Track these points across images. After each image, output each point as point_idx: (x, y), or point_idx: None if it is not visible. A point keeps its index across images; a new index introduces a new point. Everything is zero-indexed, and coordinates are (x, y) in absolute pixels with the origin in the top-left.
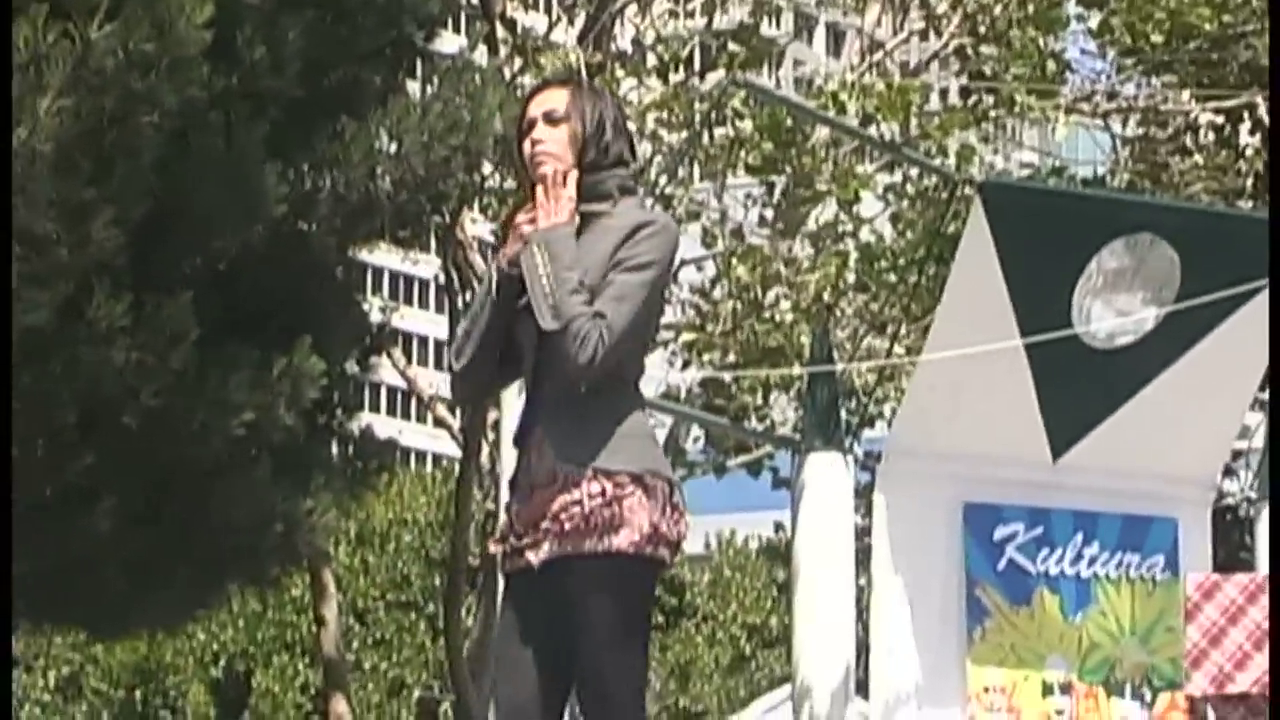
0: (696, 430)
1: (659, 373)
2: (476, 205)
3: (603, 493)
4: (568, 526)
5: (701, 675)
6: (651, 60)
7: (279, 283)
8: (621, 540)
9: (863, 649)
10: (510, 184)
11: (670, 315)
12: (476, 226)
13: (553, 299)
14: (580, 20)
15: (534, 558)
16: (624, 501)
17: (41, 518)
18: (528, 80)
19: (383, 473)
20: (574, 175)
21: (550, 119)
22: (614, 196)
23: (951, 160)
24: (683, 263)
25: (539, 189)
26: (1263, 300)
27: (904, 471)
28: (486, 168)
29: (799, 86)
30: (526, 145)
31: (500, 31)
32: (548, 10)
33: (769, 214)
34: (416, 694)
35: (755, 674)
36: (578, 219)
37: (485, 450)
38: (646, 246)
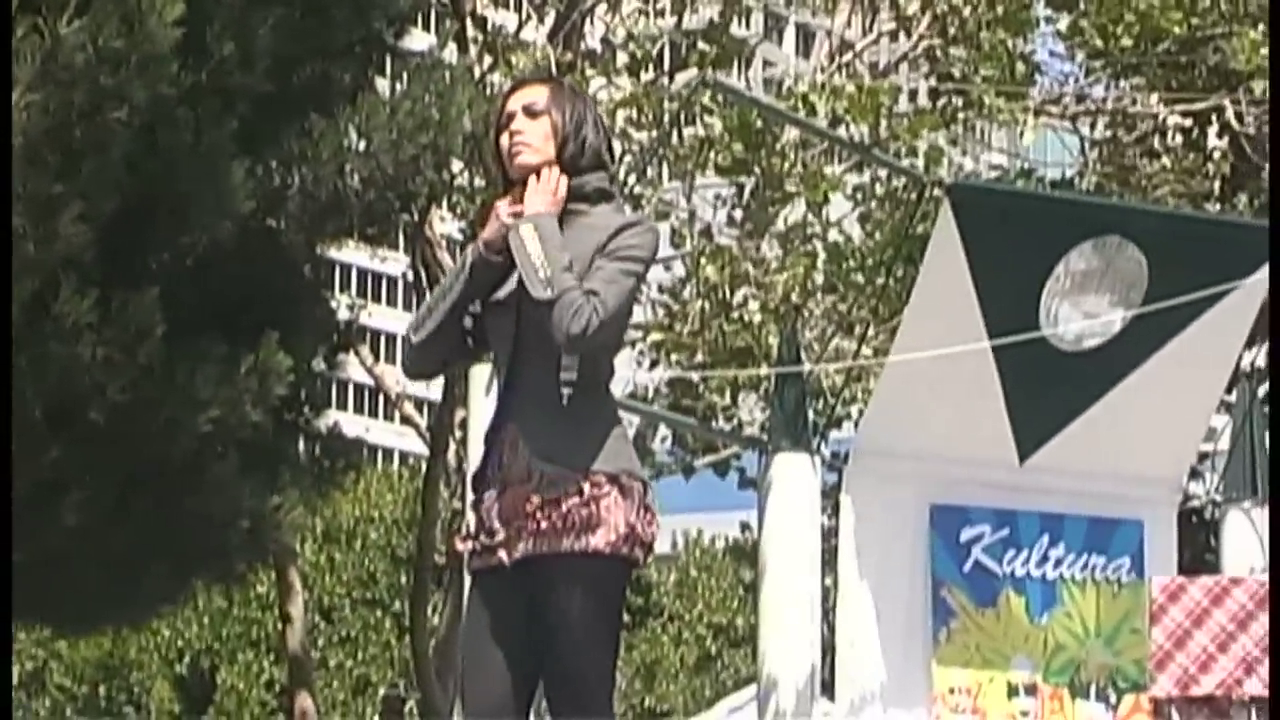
0: (664, 430)
1: (627, 372)
2: (445, 203)
3: (580, 492)
4: (544, 525)
5: (667, 675)
6: (622, 59)
7: (247, 279)
8: (598, 540)
9: (828, 649)
10: (480, 182)
11: (639, 315)
12: (445, 224)
13: (545, 272)
14: (550, 19)
15: (506, 555)
16: (601, 502)
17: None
18: (498, 79)
19: (350, 471)
20: (562, 177)
21: (530, 112)
22: (591, 198)
23: (920, 162)
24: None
25: (531, 178)
26: (1229, 304)
27: (871, 472)
28: (456, 166)
29: (769, 87)
30: (504, 138)
31: (470, 30)
32: (518, 8)
33: (738, 214)
34: (382, 692)
35: (721, 674)
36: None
37: (452, 448)
38: (635, 241)
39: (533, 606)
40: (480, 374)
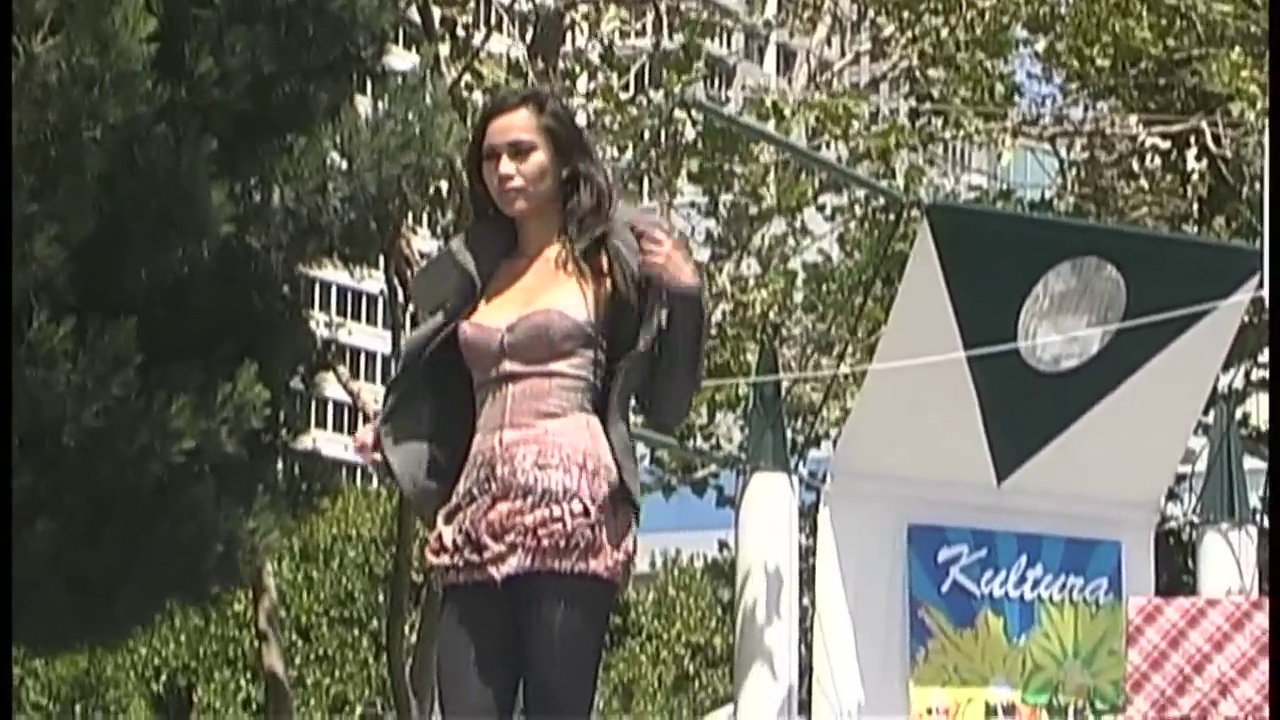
0: (642, 448)
1: None
2: (426, 222)
3: (585, 513)
4: (545, 543)
5: (645, 694)
6: (600, 79)
7: (226, 300)
8: (598, 564)
9: (806, 669)
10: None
11: None
12: (423, 242)
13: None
14: (529, 34)
15: (497, 571)
16: (605, 525)
17: None
18: (478, 97)
19: (327, 495)
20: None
21: (517, 150)
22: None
23: (900, 182)
24: None
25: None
26: (1206, 326)
27: (849, 492)
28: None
29: (749, 106)
30: (493, 179)
31: (444, 44)
32: (488, 21)
33: (714, 228)
34: (359, 711)
35: (698, 693)
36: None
37: None
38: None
39: (521, 625)
40: None
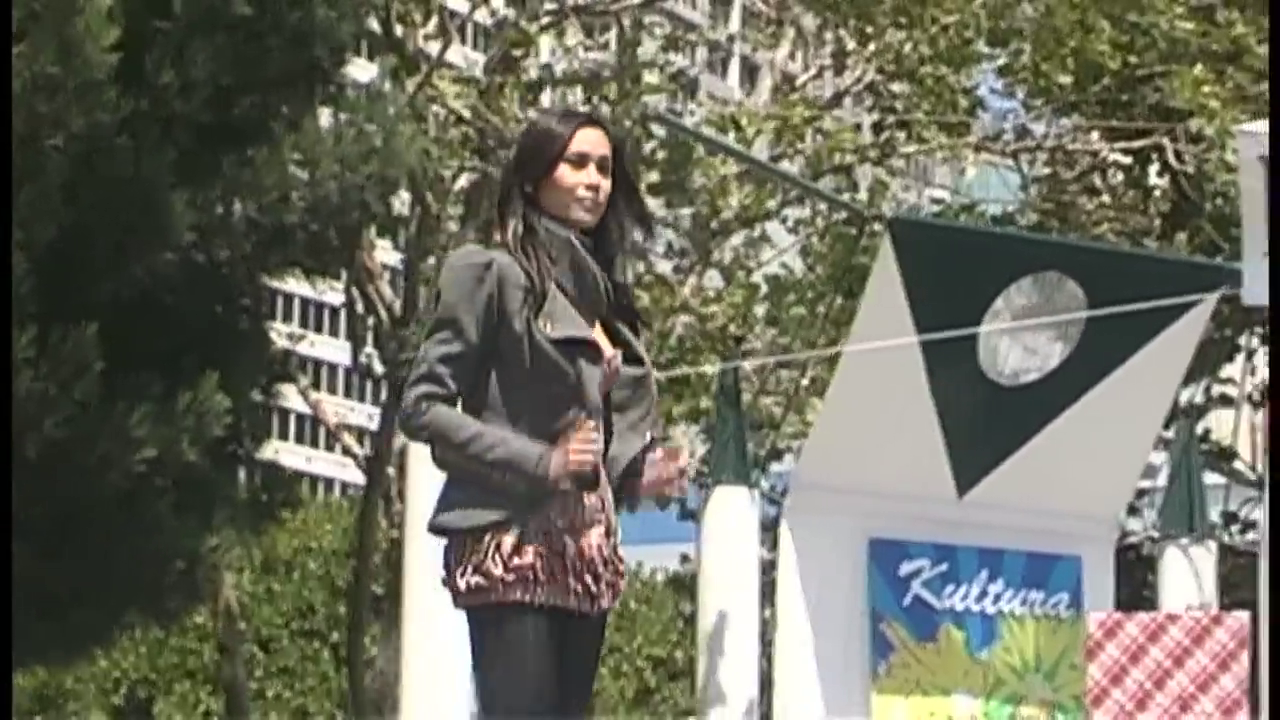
0: None
1: None
2: (388, 234)
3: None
4: (619, 578)
5: (606, 708)
6: (560, 92)
7: (187, 311)
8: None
9: (767, 683)
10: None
11: None
12: (384, 254)
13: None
14: (493, 49)
15: (605, 602)
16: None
17: None
18: (438, 109)
19: (288, 507)
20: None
21: (603, 166)
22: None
23: (863, 195)
24: None
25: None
26: (1166, 341)
27: (810, 506)
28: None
29: (708, 120)
30: (577, 185)
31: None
32: (443, 31)
33: (674, 239)
34: None
35: (660, 707)
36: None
37: (391, 479)
38: None
39: (587, 653)
40: None
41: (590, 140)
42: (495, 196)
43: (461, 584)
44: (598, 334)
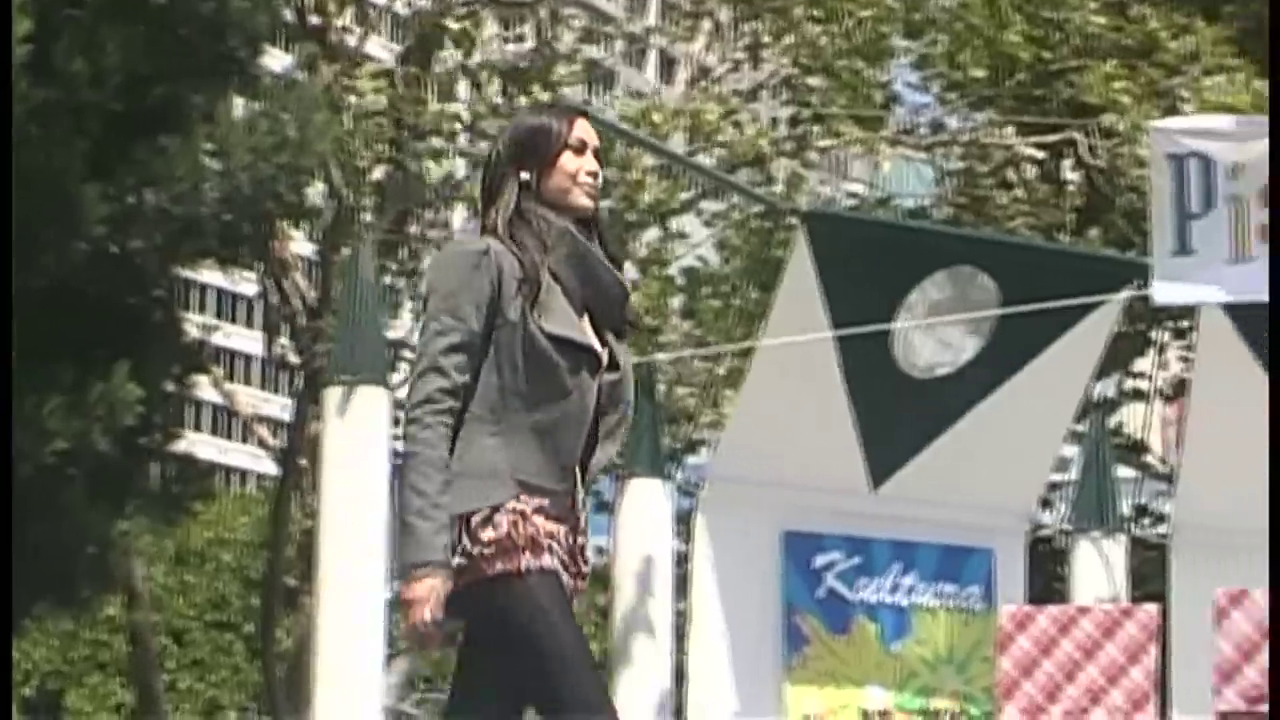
0: None
1: None
2: (300, 224)
3: None
4: (583, 584)
5: None
6: (477, 83)
7: (99, 301)
8: None
9: (681, 674)
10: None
11: None
12: (300, 245)
13: None
14: (405, 39)
15: (578, 596)
16: None
17: None
18: (353, 100)
19: (201, 498)
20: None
21: (598, 157)
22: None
23: (779, 188)
24: None
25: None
26: (1078, 335)
27: (725, 498)
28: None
29: (621, 113)
30: (579, 171)
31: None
32: (361, 21)
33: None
34: (233, 715)
35: None
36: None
37: (305, 470)
38: None
39: None
40: (333, 396)
41: (588, 130)
42: (411, 195)
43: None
44: (592, 334)
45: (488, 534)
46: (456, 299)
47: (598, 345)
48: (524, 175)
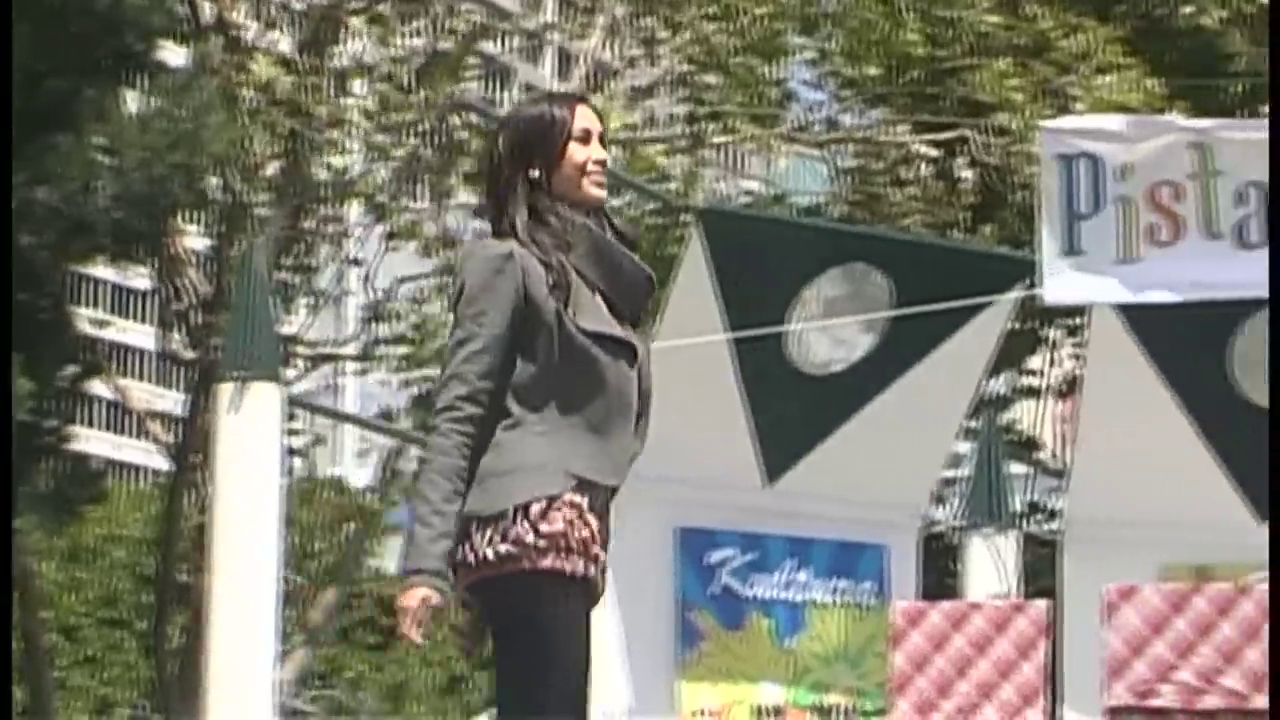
0: (416, 451)
1: (375, 391)
2: (194, 220)
3: None
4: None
5: (415, 696)
6: (374, 78)
7: None
8: None
9: None
10: (230, 198)
11: (386, 330)
12: (192, 240)
13: None
14: (304, 31)
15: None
16: None
17: None
18: (249, 94)
19: (94, 494)
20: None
21: (602, 143)
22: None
23: (674, 186)
24: (402, 279)
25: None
26: (971, 332)
27: (619, 494)
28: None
29: None
30: (586, 161)
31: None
32: (258, 15)
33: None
34: (124, 713)
35: (468, 695)
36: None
37: (198, 466)
38: None
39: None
40: (225, 391)
41: (590, 116)
42: (306, 190)
43: (488, 553)
44: (627, 329)
45: (545, 526)
46: (479, 304)
47: (633, 337)
48: (533, 173)
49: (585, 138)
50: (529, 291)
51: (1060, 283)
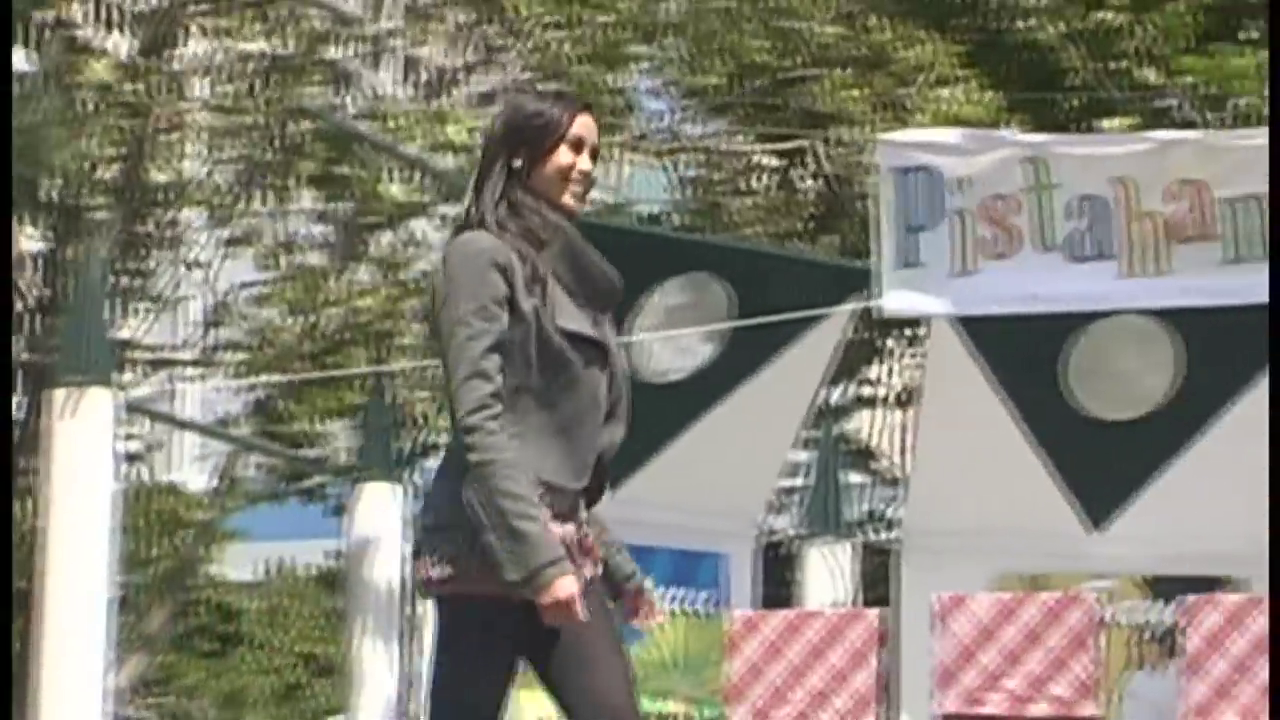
0: (260, 457)
1: (213, 397)
2: (31, 222)
3: None
4: (600, 552)
5: (251, 705)
6: (210, 80)
7: None
8: None
9: (411, 679)
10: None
11: (226, 335)
12: (28, 242)
13: None
14: (142, 33)
15: (585, 572)
16: None
17: None
18: (87, 96)
19: None
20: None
21: (594, 156)
22: None
23: None
24: (242, 285)
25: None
26: (809, 342)
27: None
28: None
29: (361, 114)
30: (571, 169)
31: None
32: (101, 19)
33: (329, 232)
34: None
35: (307, 703)
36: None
37: (31, 469)
38: None
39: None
40: (59, 396)
41: (588, 126)
42: (144, 194)
43: (434, 574)
44: (599, 330)
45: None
46: (481, 299)
47: (606, 339)
48: (515, 162)
49: (577, 145)
50: (513, 286)
51: (898, 294)
